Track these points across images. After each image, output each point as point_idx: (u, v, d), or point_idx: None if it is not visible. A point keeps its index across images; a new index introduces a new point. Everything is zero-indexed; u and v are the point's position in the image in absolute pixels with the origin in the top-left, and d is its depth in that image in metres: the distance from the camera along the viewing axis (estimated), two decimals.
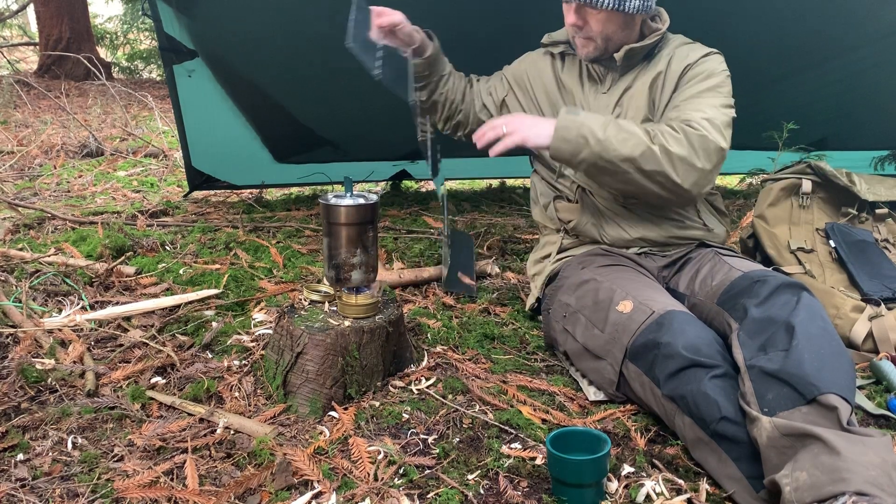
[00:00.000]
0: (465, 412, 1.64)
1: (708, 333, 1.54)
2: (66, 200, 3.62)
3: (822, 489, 1.15)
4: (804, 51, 3.11)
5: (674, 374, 1.47)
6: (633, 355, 1.59)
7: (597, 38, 1.84)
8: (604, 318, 1.68)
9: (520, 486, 1.39)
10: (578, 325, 1.76)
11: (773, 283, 1.55)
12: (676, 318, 1.55)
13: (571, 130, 1.70)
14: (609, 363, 1.65)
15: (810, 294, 1.51)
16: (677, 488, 1.39)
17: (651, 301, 1.63)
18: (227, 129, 3.36)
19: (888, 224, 2.39)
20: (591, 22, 1.82)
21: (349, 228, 1.70)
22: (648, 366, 1.54)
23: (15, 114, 6.20)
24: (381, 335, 1.71)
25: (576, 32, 1.87)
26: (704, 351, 1.47)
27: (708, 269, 1.79)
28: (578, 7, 1.81)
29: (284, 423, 1.60)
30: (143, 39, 11.04)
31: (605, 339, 1.66)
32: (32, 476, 1.40)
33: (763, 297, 1.52)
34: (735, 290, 1.62)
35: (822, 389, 1.26)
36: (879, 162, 3.76)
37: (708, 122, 1.73)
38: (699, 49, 1.90)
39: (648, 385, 1.54)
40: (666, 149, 1.69)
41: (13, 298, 2.15)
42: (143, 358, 1.88)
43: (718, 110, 1.78)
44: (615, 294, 1.70)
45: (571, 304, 1.81)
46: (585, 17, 1.82)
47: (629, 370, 1.60)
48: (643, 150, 1.68)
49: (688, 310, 1.69)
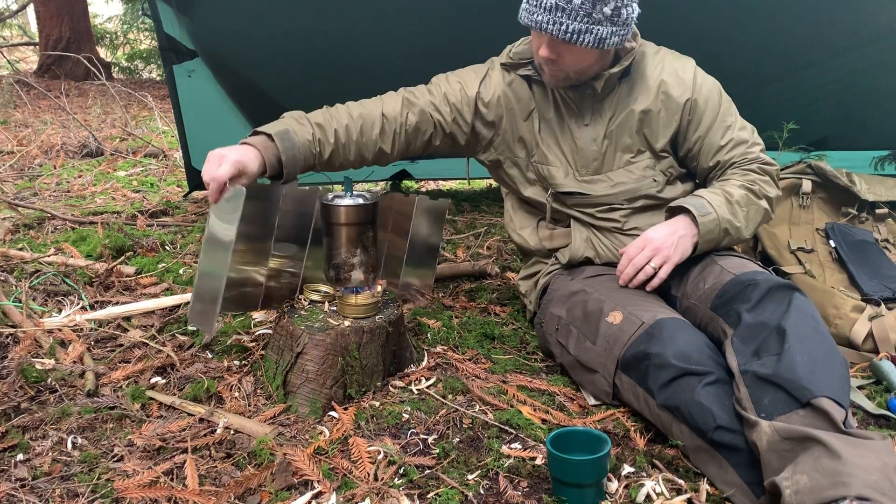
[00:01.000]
0: (465, 412, 1.64)
1: (698, 339, 1.54)
2: (65, 200, 3.62)
3: (822, 493, 1.15)
4: (804, 50, 3.11)
5: (667, 384, 1.47)
6: (625, 367, 1.59)
7: (569, 72, 1.72)
8: (594, 329, 1.68)
9: (520, 486, 1.39)
10: (571, 338, 1.76)
11: (764, 286, 1.54)
12: (666, 326, 1.55)
13: (713, 231, 1.72)
14: (602, 376, 1.65)
15: (801, 294, 1.51)
16: (677, 488, 1.39)
17: (641, 311, 1.63)
18: (227, 129, 3.36)
19: (888, 224, 2.39)
20: (565, 56, 1.68)
21: (349, 228, 1.70)
22: (641, 377, 1.55)
23: (15, 114, 6.20)
24: (381, 335, 1.71)
25: (546, 63, 1.73)
26: (695, 358, 1.47)
27: (699, 271, 1.78)
28: (552, 40, 1.66)
29: (284, 423, 1.60)
30: (143, 39, 11.04)
31: (597, 352, 1.66)
32: (32, 476, 1.40)
33: (754, 301, 1.52)
34: (727, 296, 1.61)
35: (814, 393, 1.26)
36: (879, 162, 3.75)
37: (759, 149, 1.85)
38: (684, 71, 1.81)
39: (643, 396, 1.55)
40: (769, 198, 1.82)
41: (13, 298, 2.15)
42: (143, 358, 1.88)
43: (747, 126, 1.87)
44: (605, 305, 1.69)
45: (562, 317, 1.81)
46: (559, 51, 1.67)
47: (622, 381, 1.61)
48: (762, 212, 1.81)
49: (679, 313, 1.70)
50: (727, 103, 1.85)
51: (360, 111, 1.81)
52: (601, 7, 1.58)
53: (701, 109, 1.81)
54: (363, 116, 1.80)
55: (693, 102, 1.80)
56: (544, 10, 1.60)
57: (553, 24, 1.60)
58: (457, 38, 2.14)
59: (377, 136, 1.81)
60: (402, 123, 1.83)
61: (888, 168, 3.74)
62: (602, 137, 1.83)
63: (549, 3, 1.59)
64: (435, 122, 1.86)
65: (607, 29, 1.62)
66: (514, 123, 1.89)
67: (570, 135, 1.86)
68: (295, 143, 1.68)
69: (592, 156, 1.84)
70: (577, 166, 1.86)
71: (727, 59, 1.89)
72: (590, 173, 1.86)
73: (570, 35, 1.61)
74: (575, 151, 1.85)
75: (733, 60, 3.03)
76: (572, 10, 1.58)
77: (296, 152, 1.68)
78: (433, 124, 1.86)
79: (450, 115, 1.87)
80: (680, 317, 1.64)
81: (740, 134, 1.83)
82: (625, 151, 1.83)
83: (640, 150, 1.83)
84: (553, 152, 1.87)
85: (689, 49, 1.90)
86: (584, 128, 1.84)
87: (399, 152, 1.89)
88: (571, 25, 1.60)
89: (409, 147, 1.89)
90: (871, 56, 3.13)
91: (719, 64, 1.90)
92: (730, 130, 1.83)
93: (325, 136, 1.75)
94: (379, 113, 1.82)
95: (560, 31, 1.60)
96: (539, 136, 1.88)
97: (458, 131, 1.90)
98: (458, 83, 1.89)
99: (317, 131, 1.74)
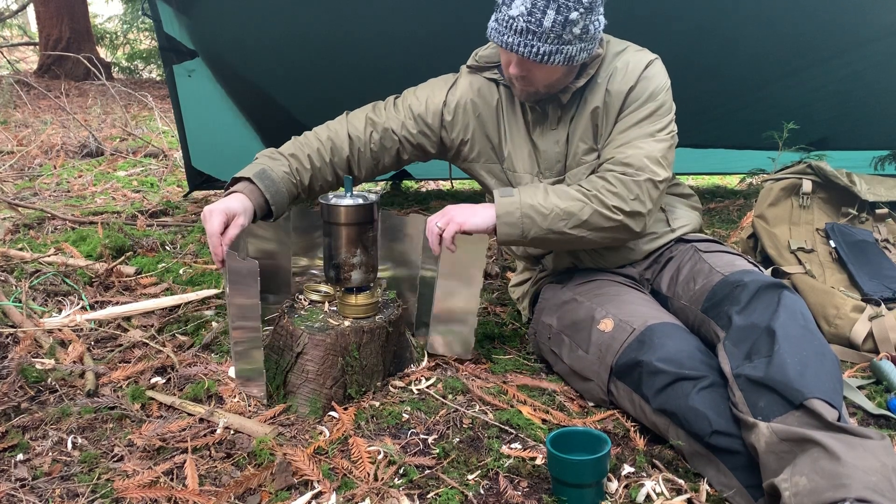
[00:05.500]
0: (465, 412, 1.64)
1: (689, 344, 1.54)
2: (66, 200, 3.62)
3: (822, 495, 1.15)
4: (804, 50, 3.11)
5: (661, 391, 1.48)
6: (619, 374, 1.60)
7: (539, 87, 1.71)
8: (587, 338, 1.69)
9: (520, 486, 1.39)
10: (563, 347, 1.77)
11: (753, 286, 1.54)
12: (657, 332, 1.56)
13: (514, 214, 1.65)
14: (597, 384, 1.66)
15: (790, 292, 1.51)
16: (677, 488, 1.39)
17: (631, 317, 1.63)
18: (227, 129, 3.36)
19: (888, 224, 2.39)
20: (535, 73, 1.67)
21: (349, 228, 1.70)
22: (636, 384, 1.55)
23: (15, 114, 6.20)
24: (381, 335, 1.71)
25: (516, 80, 1.72)
26: (687, 363, 1.48)
27: (689, 270, 1.78)
28: (521, 60, 1.65)
29: (284, 423, 1.60)
30: (143, 39, 11.04)
31: (590, 361, 1.67)
32: (32, 476, 1.40)
33: (744, 302, 1.52)
34: (717, 298, 1.62)
35: (806, 395, 1.26)
36: (879, 162, 3.75)
37: (647, 160, 1.68)
38: (636, 64, 1.75)
39: (638, 402, 1.56)
40: (609, 206, 1.66)
41: (13, 298, 2.15)
42: (142, 358, 1.88)
43: (655, 140, 1.71)
44: (595, 312, 1.70)
45: (554, 325, 1.82)
46: (529, 68, 1.66)
47: (618, 388, 1.61)
48: (590, 213, 1.66)
49: (671, 315, 1.70)
50: (662, 111, 1.74)
51: (327, 134, 1.86)
52: (570, 28, 1.58)
53: (630, 100, 1.73)
54: (331, 139, 1.85)
55: (630, 91, 1.73)
56: (515, 33, 1.60)
57: (524, 47, 1.60)
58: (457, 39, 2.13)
59: (348, 156, 1.85)
60: (366, 143, 1.86)
61: (888, 168, 3.74)
62: (565, 139, 1.82)
63: (519, 26, 1.58)
64: (399, 138, 1.87)
65: (576, 47, 1.62)
66: (483, 130, 1.88)
67: (534, 139, 1.85)
68: (274, 180, 1.74)
69: (556, 157, 1.84)
70: (542, 169, 1.85)
71: (728, 60, 1.87)
72: (553, 175, 1.85)
73: (540, 56, 1.61)
74: (539, 154, 1.85)
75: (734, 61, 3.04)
76: (542, 34, 1.58)
77: (278, 187, 1.74)
78: (397, 140, 1.87)
79: (415, 128, 1.87)
80: (671, 320, 1.64)
81: (635, 143, 1.70)
82: (583, 153, 1.81)
83: (592, 149, 1.81)
84: (520, 157, 1.87)
85: (688, 50, 1.89)
86: (549, 132, 1.83)
87: (368, 171, 1.90)
88: (543, 48, 1.59)
89: (378, 164, 1.90)
90: (871, 56, 3.13)
91: (720, 65, 1.90)
92: (631, 132, 1.72)
93: (301, 164, 1.80)
94: (345, 134, 1.85)
95: (531, 53, 1.60)
96: (506, 141, 1.87)
97: (425, 142, 1.90)
98: (425, 94, 1.89)
99: (292, 162, 1.80)
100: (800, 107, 3.38)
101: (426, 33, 2.85)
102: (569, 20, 1.56)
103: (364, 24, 2.82)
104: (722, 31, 2.89)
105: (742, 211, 3.48)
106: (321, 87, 3.08)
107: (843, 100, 3.44)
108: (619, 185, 1.67)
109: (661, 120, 1.73)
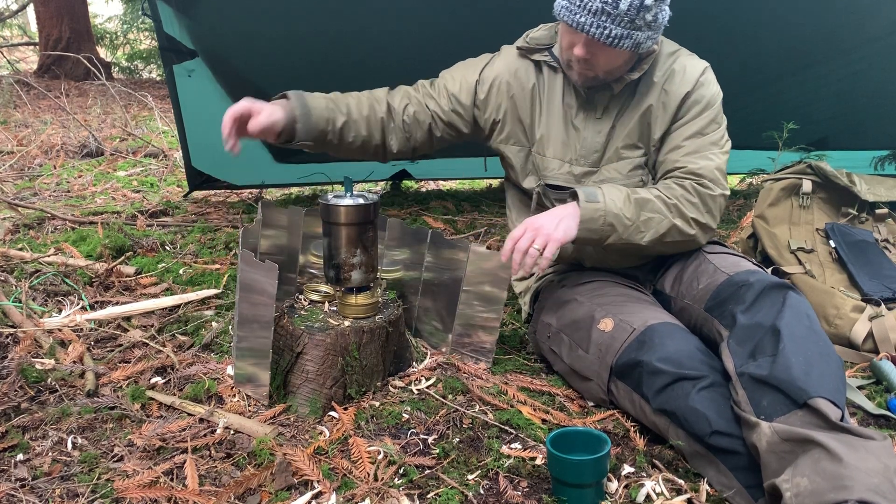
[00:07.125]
0: (465, 412, 1.64)
1: (689, 344, 1.54)
2: (65, 200, 3.62)
3: (823, 496, 1.15)
4: (804, 50, 3.11)
5: (661, 390, 1.48)
6: (619, 374, 1.60)
7: (599, 71, 1.70)
8: (586, 337, 1.68)
9: (520, 486, 1.39)
10: (563, 346, 1.76)
11: (758, 286, 1.54)
12: (657, 332, 1.56)
13: (597, 221, 1.65)
14: (597, 384, 1.66)
15: (795, 293, 1.51)
16: (677, 488, 1.39)
17: (631, 317, 1.63)
18: None
19: (888, 224, 2.39)
20: (599, 57, 1.66)
21: (349, 228, 1.70)
22: (636, 383, 1.55)
23: (15, 114, 6.20)
24: (381, 335, 1.71)
25: (577, 62, 1.70)
26: (687, 363, 1.48)
27: (692, 270, 1.77)
28: (589, 41, 1.64)
29: (284, 423, 1.60)
30: (143, 39, 11.03)
31: (590, 360, 1.67)
32: (32, 476, 1.40)
33: (749, 302, 1.52)
34: (722, 297, 1.61)
35: (810, 394, 1.26)
36: (879, 162, 3.76)
37: (718, 173, 1.72)
38: (693, 68, 1.77)
39: (638, 402, 1.56)
40: (688, 219, 1.71)
41: (13, 298, 2.15)
42: (142, 358, 1.88)
43: (722, 151, 1.75)
44: (596, 312, 1.70)
45: (553, 325, 1.81)
46: (595, 51, 1.65)
47: (618, 388, 1.61)
48: (668, 227, 1.69)
49: (674, 314, 1.70)
50: (719, 119, 1.78)
51: (367, 94, 1.92)
52: (644, 14, 1.58)
53: (689, 105, 1.75)
54: (370, 98, 1.90)
55: (688, 96, 1.75)
56: (588, 13, 1.59)
57: (597, 28, 1.59)
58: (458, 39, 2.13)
59: (382, 118, 1.88)
60: (400, 114, 1.90)
61: (888, 168, 3.74)
62: (608, 130, 1.81)
63: (594, 6, 1.57)
64: (432, 112, 1.91)
65: (644, 34, 1.62)
66: (515, 112, 1.89)
67: (576, 125, 1.83)
68: (308, 104, 1.79)
69: (594, 147, 1.82)
70: (577, 156, 1.84)
71: (728, 60, 1.87)
72: (587, 165, 1.83)
73: (611, 39, 1.60)
74: (577, 141, 1.83)
75: (735, 61, 3.04)
76: (617, 16, 1.57)
77: (309, 110, 1.78)
78: (430, 115, 1.91)
79: (448, 106, 1.90)
80: (672, 320, 1.64)
81: (705, 153, 1.73)
82: (624, 147, 1.81)
83: (636, 146, 1.81)
84: (552, 143, 1.85)
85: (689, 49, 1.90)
86: (593, 121, 1.82)
87: (400, 144, 1.92)
88: (615, 31, 1.59)
89: (410, 139, 1.93)
90: (871, 56, 3.14)
91: (720, 65, 1.89)
92: (698, 140, 1.74)
93: (338, 107, 1.84)
94: (384, 100, 1.91)
95: (603, 35, 1.59)
96: (539, 125, 1.87)
97: (457, 120, 1.92)
98: (460, 73, 1.93)
99: (329, 102, 1.84)
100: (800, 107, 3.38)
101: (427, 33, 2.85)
102: (644, 5, 1.56)
103: (364, 24, 2.82)
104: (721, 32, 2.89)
105: (742, 211, 3.47)
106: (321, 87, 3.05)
107: (843, 100, 3.44)
108: (696, 196, 1.70)
109: (720, 129, 1.77)
